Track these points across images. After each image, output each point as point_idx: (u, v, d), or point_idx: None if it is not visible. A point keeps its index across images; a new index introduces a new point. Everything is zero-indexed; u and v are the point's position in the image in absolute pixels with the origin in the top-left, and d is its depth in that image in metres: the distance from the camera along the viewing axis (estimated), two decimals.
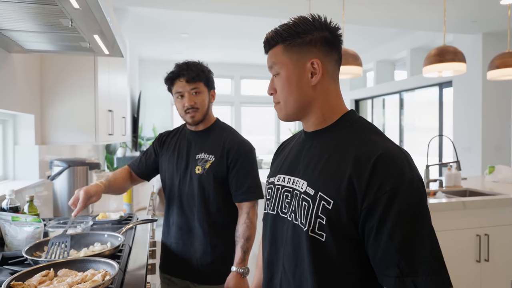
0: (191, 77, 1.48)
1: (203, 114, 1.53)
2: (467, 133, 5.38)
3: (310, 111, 0.85)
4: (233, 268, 1.47)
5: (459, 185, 3.05)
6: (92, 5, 1.07)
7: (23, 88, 1.92)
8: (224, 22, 5.42)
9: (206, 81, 1.53)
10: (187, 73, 1.49)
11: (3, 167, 2.06)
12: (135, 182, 1.71)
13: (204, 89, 1.53)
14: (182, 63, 1.53)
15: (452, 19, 4.42)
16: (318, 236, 0.77)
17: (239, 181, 1.50)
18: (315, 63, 0.82)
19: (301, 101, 0.84)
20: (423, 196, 0.74)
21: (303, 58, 0.82)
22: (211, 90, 1.56)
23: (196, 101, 1.50)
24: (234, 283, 1.46)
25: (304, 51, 0.82)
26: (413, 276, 0.69)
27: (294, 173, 0.86)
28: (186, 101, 1.50)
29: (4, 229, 1.39)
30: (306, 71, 0.82)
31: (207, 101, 1.54)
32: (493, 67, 3.20)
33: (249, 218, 1.50)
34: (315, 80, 0.82)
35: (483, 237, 2.38)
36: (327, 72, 0.84)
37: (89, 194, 1.36)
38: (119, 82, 3.05)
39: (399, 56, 7.12)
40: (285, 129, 9.24)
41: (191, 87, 1.50)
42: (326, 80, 0.84)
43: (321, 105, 0.84)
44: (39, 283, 0.97)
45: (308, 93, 0.83)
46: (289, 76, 0.83)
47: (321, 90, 0.84)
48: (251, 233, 1.50)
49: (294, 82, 0.83)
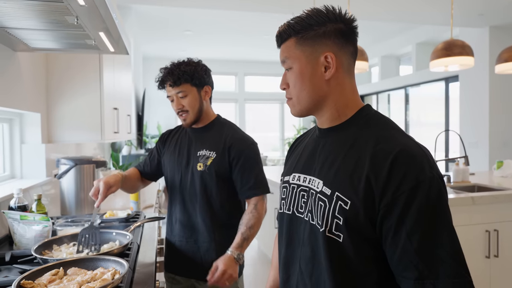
0: (173, 81, 1.46)
1: (194, 114, 1.50)
2: (474, 128, 5.33)
3: (324, 106, 0.82)
4: (228, 250, 1.43)
5: (467, 180, 3.02)
6: (97, 2, 1.06)
7: (29, 87, 1.92)
8: (228, 18, 5.39)
9: (193, 81, 1.48)
10: (170, 77, 1.47)
11: (10, 165, 2.07)
12: (145, 183, 1.72)
13: (191, 90, 1.49)
14: (166, 67, 1.50)
15: (458, 12, 4.36)
16: (335, 236, 0.75)
17: (244, 177, 1.48)
18: (329, 56, 0.79)
19: (315, 96, 0.81)
20: (443, 195, 0.71)
21: (316, 51, 0.79)
22: (203, 86, 1.52)
23: (184, 104, 1.49)
24: (224, 263, 1.40)
25: (317, 44, 0.79)
26: (433, 278, 0.67)
27: (310, 172, 0.84)
28: (174, 104, 1.50)
29: (12, 228, 1.40)
30: (320, 65, 0.79)
31: (197, 101, 1.50)
32: (501, 60, 3.15)
33: (256, 209, 1.48)
34: (329, 74, 0.79)
35: (493, 232, 2.36)
36: (341, 65, 0.80)
37: (109, 184, 1.36)
38: (124, 80, 3.05)
39: (404, 51, 7.06)
40: (290, 125, 9.22)
41: (176, 91, 1.48)
42: (340, 74, 0.81)
43: (336, 100, 0.82)
44: (49, 282, 0.97)
45: (321, 87, 0.80)
46: (302, 71, 0.81)
47: (335, 85, 0.81)
48: (255, 223, 1.47)
49: (307, 76, 0.80)
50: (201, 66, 1.53)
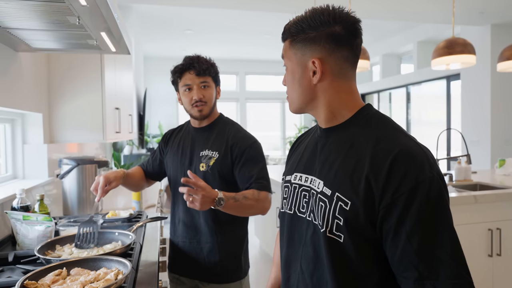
0: (201, 70, 1.47)
1: (210, 108, 1.52)
2: (475, 126, 5.32)
3: (315, 107, 0.83)
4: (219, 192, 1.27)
5: (470, 179, 3.01)
6: (99, 2, 1.06)
7: (31, 87, 1.92)
8: (228, 18, 5.39)
9: (214, 77, 1.53)
10: (198, 66, 1.47)
11: (12, 166, 2.07)
12: (150, 182, 1.72)
13: (212, 84, 1.52)
14: (193, 56, 1.52)
15: (459, 10, 4.35)
16: (336, 237, 0.75)
17: (246, 173, 1.46)
18: (316, 62, 0.79)
19: (304, 98, 0.83)
20: (444, 195, 0.71)
21: (305, 55, 0.80)
22: (217, 86, 1.56)
23: (205, 95, 1.49)
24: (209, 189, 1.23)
25: (307, 48, 0.79)
26: (433, 279, 0.67)
27: (311, 172, 0.84)
28: (195, 94, 1.48)
29: (15, 228, 1.40)
30: (308, 69, 0.80)
31: (214, 96, 1.54)
32: (503, 58, 3.15)
33: (259, 194, 1.39)
34: (315, 79, 0.80)
35: (495, 231, 2.35)
36: (330, 71, 0.79)
37: (109, 180, 1.37)
38: (125, 79, 3.05)
39: (405, 49, 7.04)
40: (291, 124, 9.21)
41: (201, 80, 1.48)
42: (330, 79, 0.80)
43: (327, 102, 0.82)
44: (52, 282, 0.97)
45: (310, 90, 0.82)
46: (293, 72, 0.83)
47: (324, 89, 0.81)
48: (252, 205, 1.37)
49: (297, 79, 0.82)
50: (216, 67, 1.57)
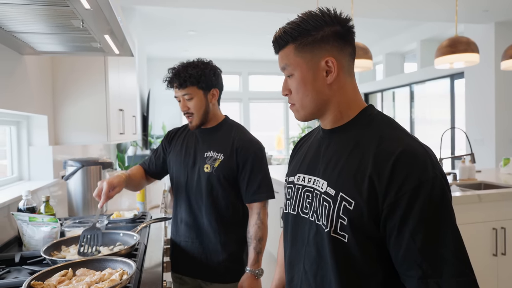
0: (179, 84, 1.46)
1: (199, 117, 1.50)
2: (479, 125, 5.29)
3: (327, 109, 0.83)
4: (247, 269, 1.47)
5: (474, 178, 3.00)
6: (103, 5, 1.07)
7: (35, 90, 1.94)
8: (231, 18, 5.40)
9: (199, 84, 1.46)
10: (177, 79, 1.46)
11: (18, 168, 2.09)
12: (150, 180, 1.71)
13: (197, 92, 1.47)
14: (174, 68, 1.49)
15: (463, 8, 4.33)
16: (340, 237, 0.75)
17: (249, 181, 1.48)
18: (330, 61, 0.79)
19: (318, 101, 0.81)
20: (447, 195, 0.71)
21: (316, 56, 0.79)
22: (210, 89, 1.50)
23: (189, 106, 1.48)
24: (248, 283, 1.46)
25: (316, 49, 0.79)
26: (437, 277, 0.67)
27: (314, 173, 0.85)
28: (181, 106, 1.50)
29: (21, 229, 1.41)
30: (321, 70, 0.79)
31: (203, 104, 1.49)
32: (507, 57, 3.13)
33: (260, 219, 1.49)
34: (331, 78, 0.79)
35: (500, 230, 2.34)
36: (342, 68, 0.80)
37: (112, 185, 1.36)
38: (129, 81, 3.07)
39: (408, 48, 7.02)
40: (294, 124, 9.21)
41: (183, 92, 1.47)
42: (342, 76, 0.81)
43: (338, 102, 0.82)
44: (58, 282, 0.99)
45: (324, 92, 0.81)
46: (304, 77, 0.80)
47: (337, 88, 0.81)
48: (263, 234, 1.49)
49: (310, 82, 0.80)
50: (210, 67, 1.50)
